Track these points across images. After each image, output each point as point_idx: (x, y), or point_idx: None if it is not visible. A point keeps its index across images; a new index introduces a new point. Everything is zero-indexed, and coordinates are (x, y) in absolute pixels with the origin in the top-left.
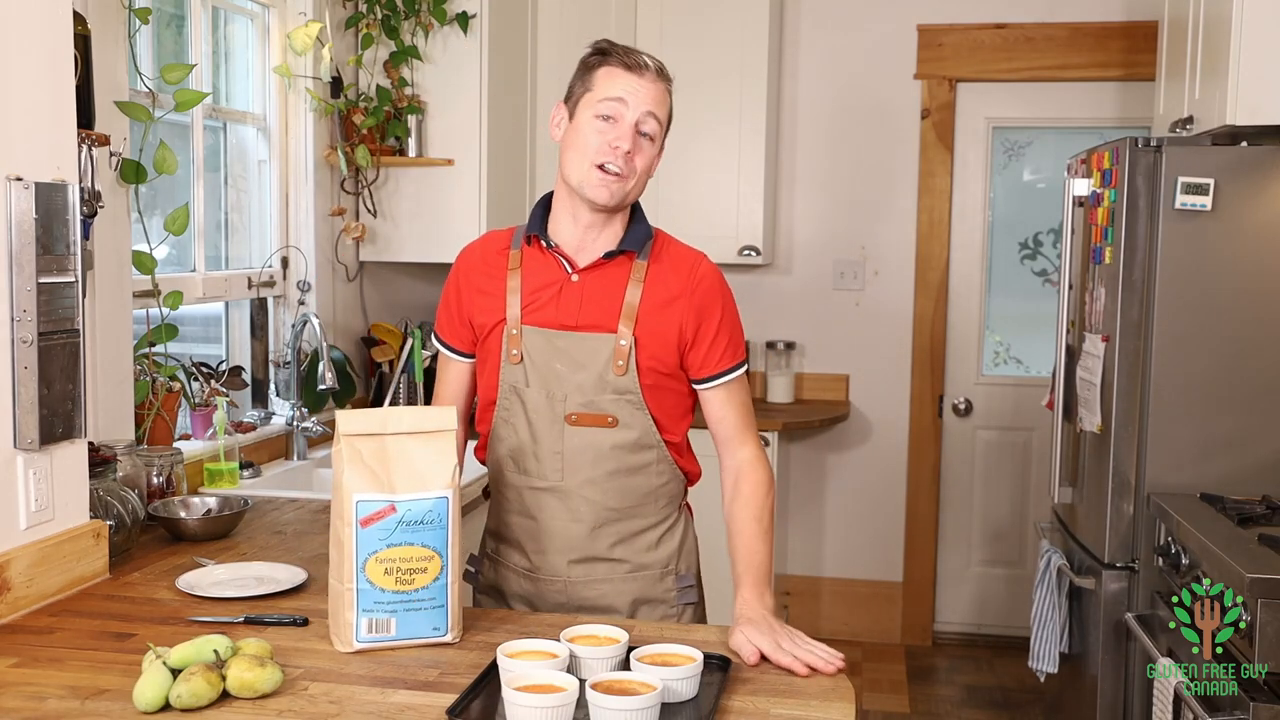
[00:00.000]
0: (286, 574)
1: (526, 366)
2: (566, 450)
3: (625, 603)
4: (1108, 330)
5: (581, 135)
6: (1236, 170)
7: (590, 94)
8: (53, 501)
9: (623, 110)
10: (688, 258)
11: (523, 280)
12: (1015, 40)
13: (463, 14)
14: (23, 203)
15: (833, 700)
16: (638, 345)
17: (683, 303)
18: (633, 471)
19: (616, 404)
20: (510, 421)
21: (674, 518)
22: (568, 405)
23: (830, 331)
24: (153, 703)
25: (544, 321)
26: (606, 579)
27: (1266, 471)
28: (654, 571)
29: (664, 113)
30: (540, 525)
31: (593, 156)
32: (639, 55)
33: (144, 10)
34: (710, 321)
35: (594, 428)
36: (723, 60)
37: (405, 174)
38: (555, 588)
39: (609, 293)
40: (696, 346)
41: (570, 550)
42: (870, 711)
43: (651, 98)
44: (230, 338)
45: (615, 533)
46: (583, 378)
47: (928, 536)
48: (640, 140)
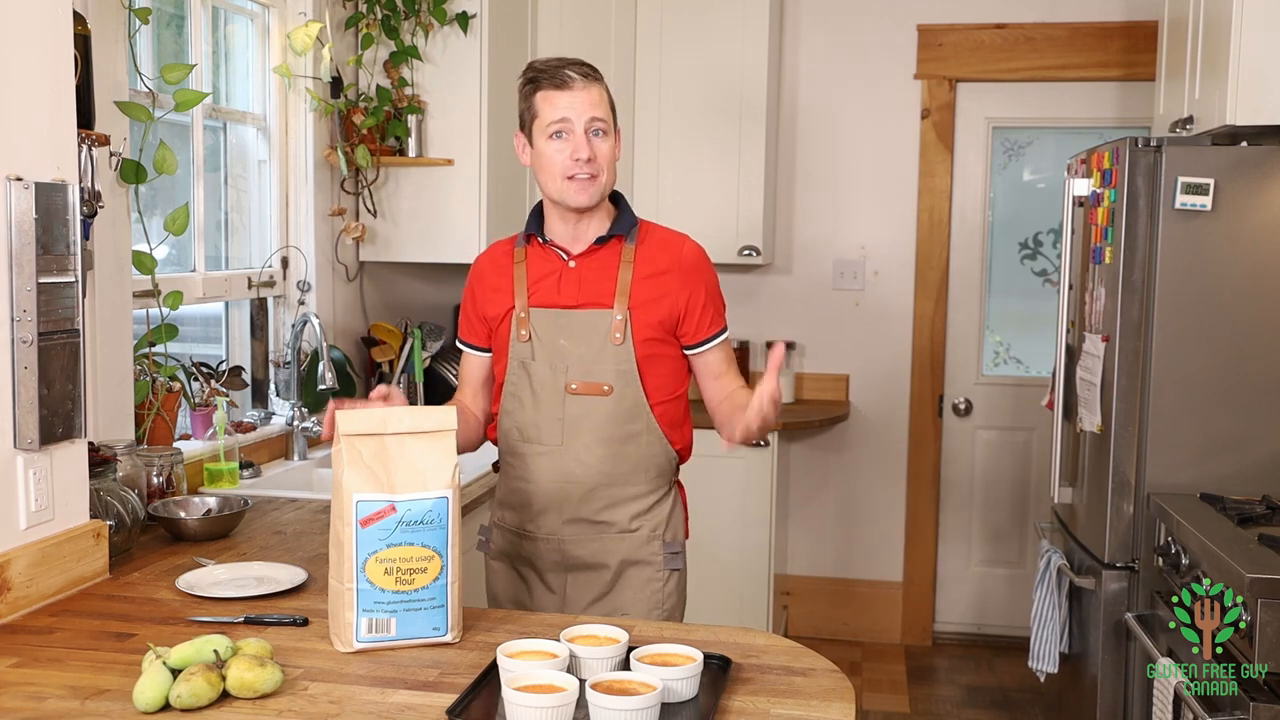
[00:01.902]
0: (286, 574)
1: (534, 343)
2: (567, 418)
3: (615, 561)
4: (1108, 330)
5: (544, 157)
6: (1236, 170)
7: (538, 120)
8: (53, 501)
9: (569, 125)
10: (672, 239)
11: (527, 271)
12: (1015, 40)
13: (463, 14)
14: (23, 203)
15: (833, 700)
16: (632, 317)
17: (670, 277)
18: (625, 440)
19: (612, 374)
20: (517, 395)
21: (664, 490)
22: (569, 376)
23: (830, 331)
24: (153, 703)
25: (548, 302)
26: (596, 539)
27: (1266, 471)
28: (642, 534)
29: (604, 109)
30: (540, 488)
31: (560, 172)
32: (563, 72)
33: (144, 10)
34: (698, 292)
35: (591, 396)
36: (723, 59)
37: (405, 174)
38: (551, 546)
39: (603, 274)
40: (688, 316)
41: (566, 511)
42: (870, 711)
43: (588, 103)
44: (230, 338)
45: (607, 497)
46: (584, 350)
47: (928, 536)
48: (594, 140)
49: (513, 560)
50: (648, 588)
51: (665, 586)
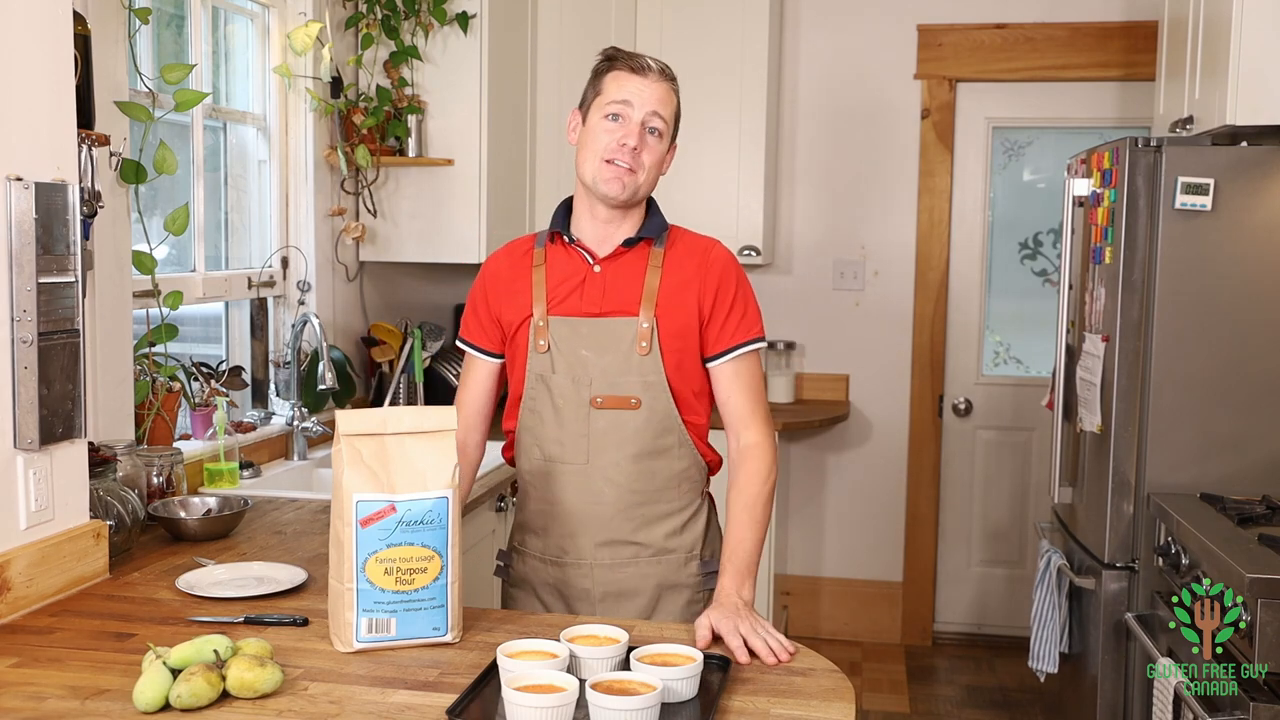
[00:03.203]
0: (286, 574)
1: (553, 355)
2: (592, 433)
3: (650, 586)
4: (1108, 330)
5: (593, 135)
6: (1236, 170)
7: (600, 98)
8: (53, 501)
9: (629, 110)
10: (702, 243)
11: (547, 275)
12: (1015, 40)
13: (463, 14)
14: (23, 203)
15: (833, 700)
16: (659, 325)
17: (698, 283)
18: (655, 455)
19: (640, 385)
20: (537, 410)
21: (697, 504)
22: (593, 389)
23: (830, 331)
24: (153, 703)
25: (569, 310)
26: (631, 562)
27: (1266, 471)
28: (678, 556)
29: (669, 111)
30: (566, 509)
31: (602, 153)
32: (643, 59)
33: (144, 10)
34: (724, 298)
35: (618, 410)
36: (723, 59)
37: (405, 174)
38: (581, 572)
39: (630, 279)
40: (711, 323)
41: (595, 534)
42: (870, 711)
43: (656, 97)
44: (230, 338)
45: (640, 516)
46: (608, 361)
47: (928, 536)
48: (647, 137)
49: (536, 588)
50: (687, 612)
51: (704, 608)
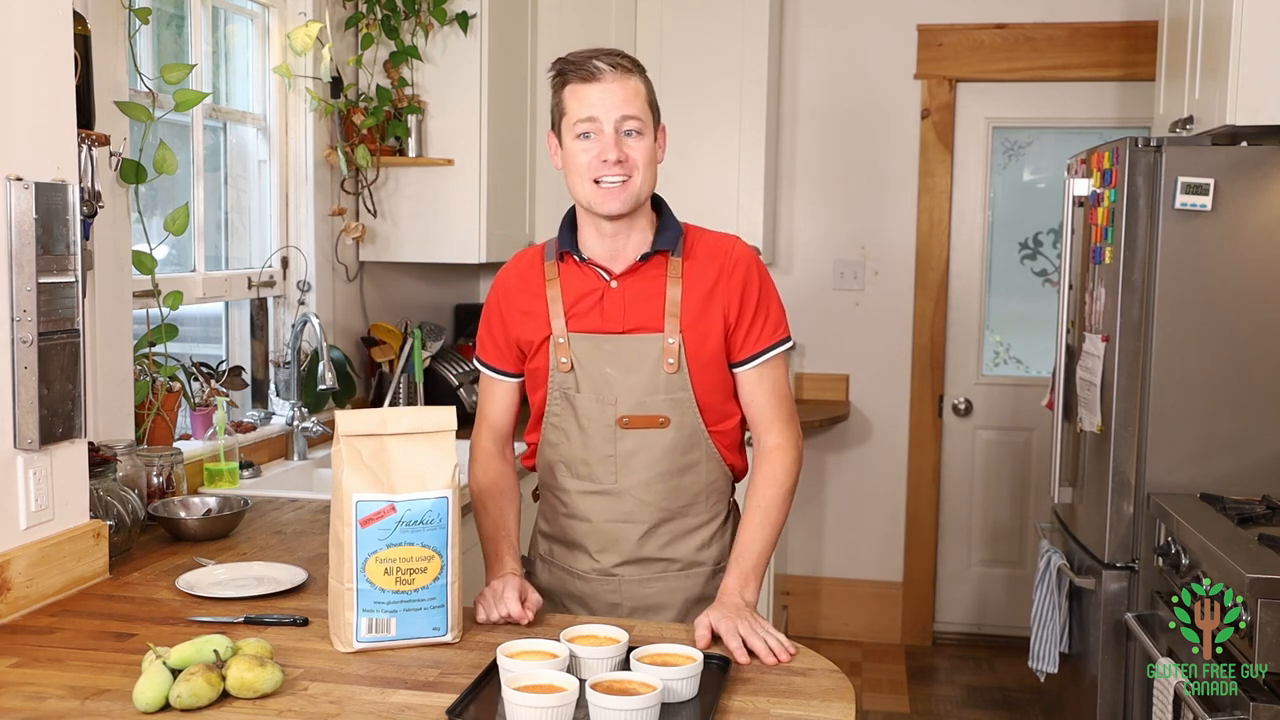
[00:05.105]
0: (286, 574)
1: (577, 373)
2: (619, 454)
3: (678, 600)
4: (1108, 330)
5: (573, 158)
6: (1236, 170)
7: (566, 117)
8: (53, 501)
9: (597, 125)
10: (721, 244)
11: (563, 290)
12: (1015, 40)
13: (463, 14)
14: (23, 203)
15: (833, 700)
16: (685, 340)
17: (723, 293)
18: (684, 471)
19: (667, 404)
20: (561, 427)
21: (722, 515)
22: (619, 409)
23: (830, 331)
24: (153, 703)
25: (589, 327)
26: (660, 577)
27: (1266, 471)
28: (706, 568)
29: (639, 105)
30: (594, 527)
31: (588, 174)
32: (591, 63)
33: (144, 10)
34: (749, 303)
35: (646, 429)
36: (723, 60)
37: (405, 174)
38: (609, 588)
39: (650, 294)
40: (736, 329)
41: (625, 551)
42: (870, 711)
43: (620, 99)
44: (230, 338)
45: (668, 532)
46: (634, 380)
47: (928, 536)
48: (626, 140)
49: (561, 598)
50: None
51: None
